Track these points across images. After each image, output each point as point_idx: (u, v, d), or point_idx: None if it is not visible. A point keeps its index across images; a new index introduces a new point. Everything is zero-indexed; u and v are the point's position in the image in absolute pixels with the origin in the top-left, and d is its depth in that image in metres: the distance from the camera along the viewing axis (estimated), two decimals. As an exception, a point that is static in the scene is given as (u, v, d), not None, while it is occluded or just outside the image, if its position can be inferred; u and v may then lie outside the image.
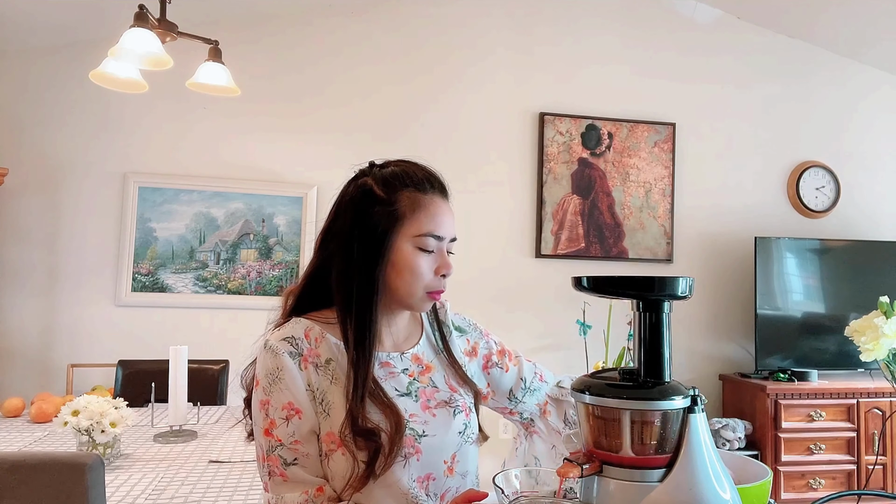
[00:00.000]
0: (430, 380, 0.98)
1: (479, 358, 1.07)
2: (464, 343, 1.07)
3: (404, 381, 0.96)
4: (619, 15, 3.65)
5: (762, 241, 3.45)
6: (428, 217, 0.93)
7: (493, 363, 1.08)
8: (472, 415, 0.99)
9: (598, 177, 3.56)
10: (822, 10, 3.52)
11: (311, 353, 0.90)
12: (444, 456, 0.93)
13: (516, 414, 1.10)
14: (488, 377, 1.08)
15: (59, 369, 3.03)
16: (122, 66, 2.10)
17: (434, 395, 0.97)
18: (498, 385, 1.08)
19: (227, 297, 3.20)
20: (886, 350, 1.30)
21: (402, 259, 0.92)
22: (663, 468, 0.70)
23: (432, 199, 0.95)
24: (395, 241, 0.92)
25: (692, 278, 0.76)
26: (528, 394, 1.09)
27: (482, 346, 1.08)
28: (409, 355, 0.99)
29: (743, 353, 3.66)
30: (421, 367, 0.99)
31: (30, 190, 3.09)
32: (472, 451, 0.98)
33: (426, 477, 0.91)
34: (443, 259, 0.94)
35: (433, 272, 0.93)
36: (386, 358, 0.96)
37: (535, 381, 1.10)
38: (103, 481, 1.21)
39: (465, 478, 0.97)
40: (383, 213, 0.92)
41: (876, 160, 3.90)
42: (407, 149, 3.38)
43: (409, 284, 0.92)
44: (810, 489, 3.15)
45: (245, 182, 3.24)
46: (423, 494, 0.90)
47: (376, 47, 3.42)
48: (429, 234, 0.92)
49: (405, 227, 0.92)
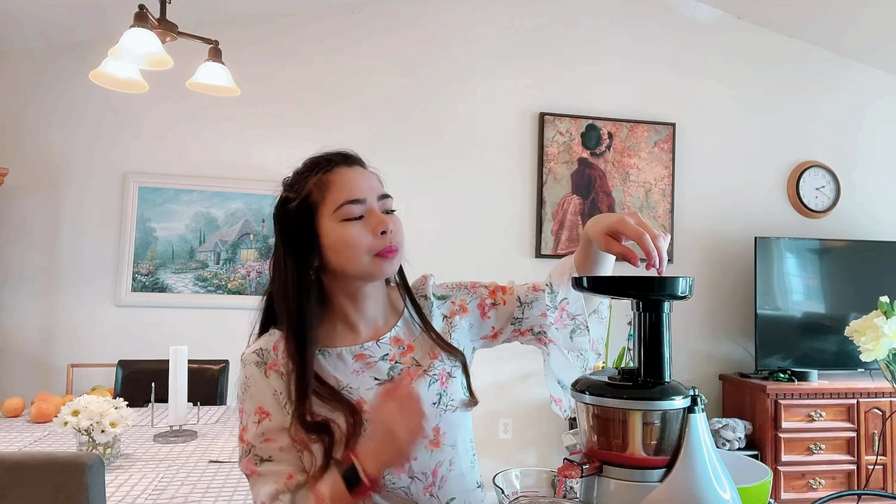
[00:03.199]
0: (413, 359, 0.98)
1: (473, 309, 1.06)
2: (447, 308, 1.06)
3: (384, 367, 0.96)
4: (620, 15, 3.65)
5: (762, 241, 3.45)
6: (338, 188, 0.93)
7: (488, 305, 1.06)
8: (450, 381, 0.98)
9: (598, 177, 3.56)
10: (822, 11, 3.52)
11: (275, 363, 0.93)
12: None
13: (526, 332, 1.07)
14: (490, 320, 1.06)
15: (59, 369, 3.03)
16: (122, 66, 2.10)
17: (418, 373, 0.97)
18: (501, 318, 1.07)
19: (227, 297, 3.20)
20: (886, 350, 1.30)
21: (332, 238, 0.92)
22: (663, 468, 0.70)
23: (338, 171, 0.95)
24: (319, 226, 0.93)
25: (692, 278, 0.76)
26: (527, 308, 1.05)
27: (470, 299, 1.07)
28: (388, 339, 0.99)
29: (743, 353, 3.66)
30: (402, 347, 0.99)
31: (30, 190, 3.09)
32: (456, 419, 0.97)
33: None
34: (373, 217, 0.93)
35: (370, 234, 0.92)
36: (360, 350, 0.96)
37: (530, 294, 1.06)
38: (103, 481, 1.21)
39: (454, 448, 0.96)
40: (297, 208, 0.94)
41: (876, 160, 3.90)
42: (407, 148, 3.39)
43: (350, 257, 0.92)
44: (810, 489, 3.15)
45: (245, 182, 3.24)
46: (404, 477, 0.90)
47: (376, 47, 3.42)
48: (345, 202, 0.92)
49: (322, 209, 0.93)
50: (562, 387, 1.03)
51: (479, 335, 1.07)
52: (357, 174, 0.96)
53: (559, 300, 1.01)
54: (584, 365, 1.01)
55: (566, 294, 1.01)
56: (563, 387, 1.03)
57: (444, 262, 3.28)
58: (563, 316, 1.01)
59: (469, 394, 1.01)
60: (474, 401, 1.01)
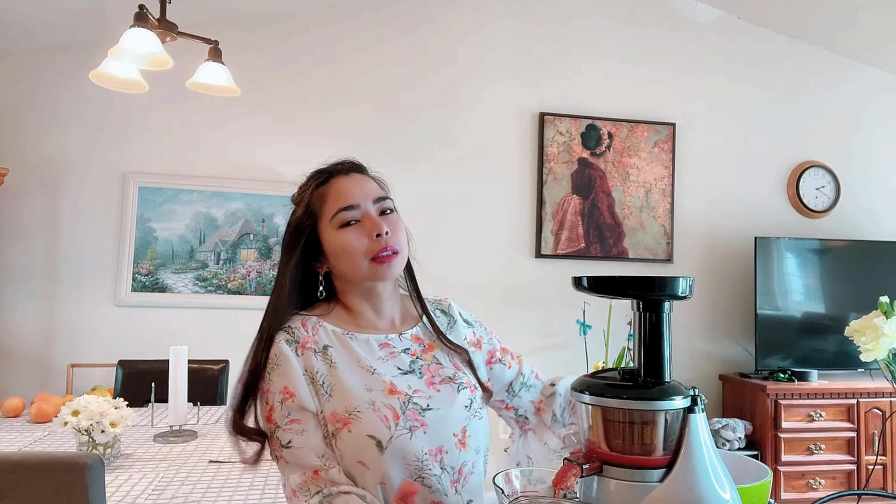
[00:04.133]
0: (434, 357, 1.01)
1: (484, 352, 1.09)
2: (470, 335, 1.09)
3: (406, 359, 0.99)
4: (620, 15, 3.65)
5: (762, 241, 3.45)
6: (333, 198, 0.98)
7: (496, 359, 1.10)
8: (476, 391, 1.02)
9: (598, 177, 3.56)
10: (822, 11, 3.52)
11: (308, 340, 0.95)
12: (453, 429, 0.95)
13: (512, 409, 1.12)
14: (490, 372, 1.09)
15: (59, 369, 3.03)
16: (122, 66, 2.10)
17: (439, 372, 1.00)
18: (499, 380, 1.10)
19: (227, 297, 3.20)
20: (886, 350, 1.29)
21: (332, 245, 0.97)
22: (663, 468, 0.70)
23: (334, 182, 0.99)
24: (322, 236, 0.98)
25: (692, 278, 0.76)
26: (525, 389, 1.10)
27: (486, 342, 1.11)
28: (409, 335, 1.02)
29: (743, 353, 3.66)
30: (423, 345, 1.02)
31: (30, 190, 3.09)
32: (481, 427, 1.00)
33: (438, 450, 0.93)
34: (368, 221, 0.96)
35: (366, 238, 0.95)
36: (385, 339, 0.99)
37: (532, 378, 1.12)
38: (103, 481, 1.21)
39: (478, 453, 0.99)
40: (301, 221, 0.99)
41: (876, 160, 3.90)
42: (407, 149, 3.39)
43: (349, 262, 0.96)
44: (810, 489, 3.15)
45: (245, 182, 3.24)
46: (437, 466, 0.92)
47: (376, 47, 3.42)
48: (339, 209, 0.96)
49: (322, 219, 0.98)
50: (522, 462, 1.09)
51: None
52: (352, 181, 0.99)
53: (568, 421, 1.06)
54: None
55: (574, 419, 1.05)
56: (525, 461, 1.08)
57: (443, 261, 3.29)
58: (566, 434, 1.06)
59: (482, 388, 1.05)
60: (489, 392, 1.07)
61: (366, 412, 0.90)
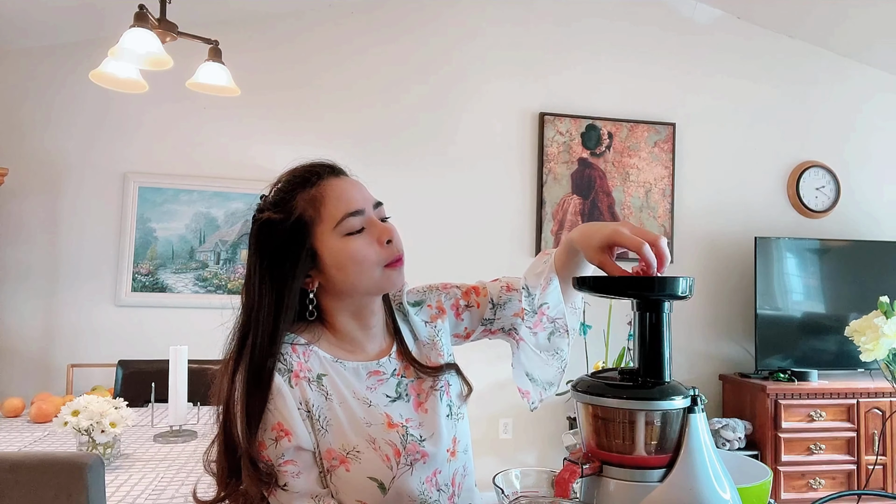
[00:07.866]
0: (415, 372, 0.96)
1: (449, 311, 1.04)
2: (426, 314, 1.03)
3: (393, 383, 0.94)
4: (620, 15, 3.65)
5: (762, 241, 3.45)
6: (333, 202, 0.88)
7: (462, 307, 1.04)
8: (450, 389, 0.98)
9: (598, 177, 3.56)
10: (822, 11, 3.52)
11: (301, 368, 0.87)
12: (446, 446, 0.93)
13: (497, 331, 1.06)
14: (464, 322, 1.04)
15: (59, 369, 3.03)
16: (122, 66, 2.10)
17: (422, 386, 0.96)
18: (475, 320, 1.05)
19: (227, 297, 3.20)
20: (886, 350, 1.29)
21: (337, 255, 0.87)
22: (663, 468, 0.70)
23: (327, 185, 0.90)
24: (318, 244, 0.88)
25: (692, 278, 0.76)
26: (500, 308, 1.03)
27: (445, 300, 1.04)
28: (394, 352, 0.96)
29: (743, 353, 3.66)
30: (404, 361, 0.97)
31: (30, 190, 3.09)
32: (464, 427, 0.98)
33: (433, 473, 0.90)
34: (376, 228, 0.89)
35: (376, 245, 0.88)
36: (376, 367, 0.93)
37: (504, 294, 1.04)
38: (103, 481, 1.21)
39: (466, 453, 0.97)
40: (289, 230, 0.87)
41: (876, 160, 3.90)
42: (407, 148, 3.39)
43: (359, 272, 0.87)
44: (810, 489, 3.15)
45: (245, 182, 3.23)
46: (434, 491, 0.90)
47: (377, 48, 3.42)
48: (345, 215, 0.87)
49: (319, 226, 0.88)
50: (531, 380, 1.02)
51: (451, 334, 1.06)
52: (348, 184, 0.91)
53: (538, 304, 1.00)
54: (561, 364, 1.01)
55: (545, 298, 1.00)
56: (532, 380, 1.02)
57: (443, 262, 3.29)
58: (542, 320, 1.01)
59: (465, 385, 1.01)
60: (469, 388, 1.01)
61: (365, 451, 0.85)
